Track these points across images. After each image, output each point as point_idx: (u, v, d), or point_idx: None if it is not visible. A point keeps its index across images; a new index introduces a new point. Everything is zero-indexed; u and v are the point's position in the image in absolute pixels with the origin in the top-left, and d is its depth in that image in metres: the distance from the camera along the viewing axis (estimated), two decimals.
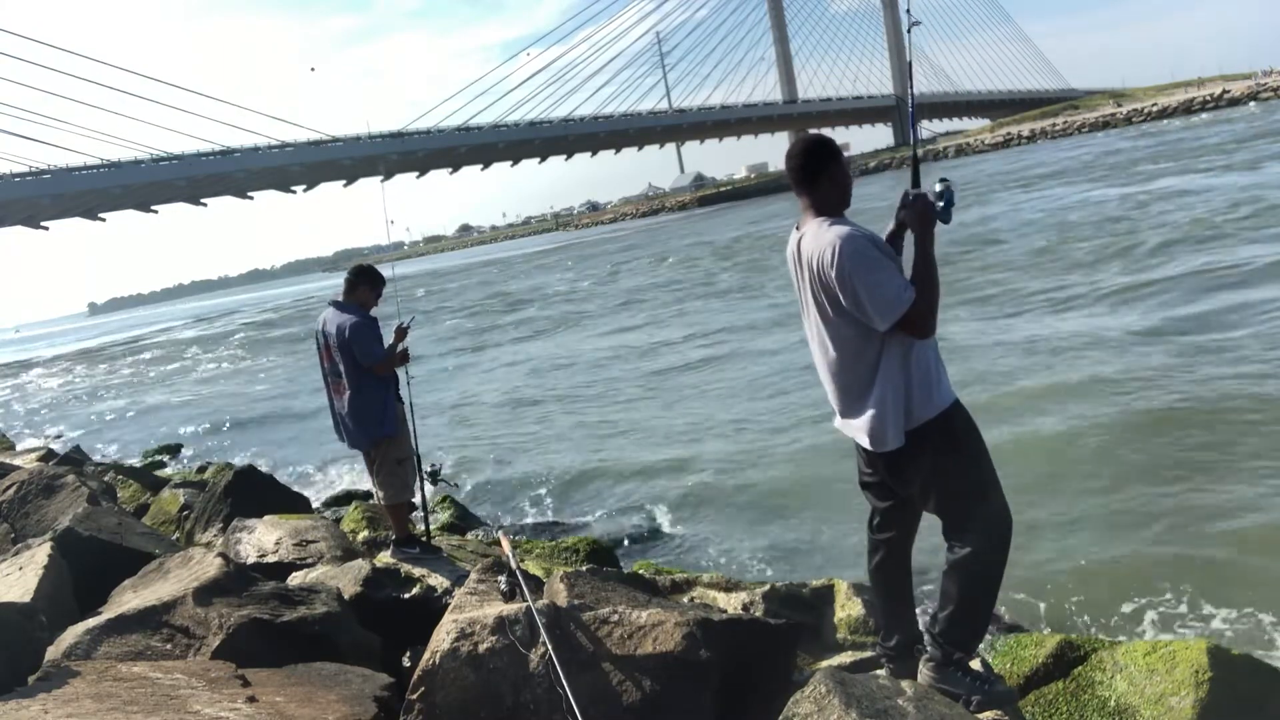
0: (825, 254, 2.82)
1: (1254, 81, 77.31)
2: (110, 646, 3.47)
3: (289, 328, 39.07)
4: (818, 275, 2.88)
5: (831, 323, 2.93)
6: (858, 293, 2.79)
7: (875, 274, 2.78)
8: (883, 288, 2.77)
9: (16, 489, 6.72)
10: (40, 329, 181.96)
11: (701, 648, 3.07)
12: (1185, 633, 4.15)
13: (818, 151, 2.96)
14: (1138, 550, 5.09)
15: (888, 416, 2.89)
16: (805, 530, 6.30)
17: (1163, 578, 4.74)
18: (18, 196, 59.33)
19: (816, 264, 2.87)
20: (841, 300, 2.84)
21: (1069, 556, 5.14)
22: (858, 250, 2.79)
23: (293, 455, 12.09)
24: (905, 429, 2.89)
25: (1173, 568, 4.83)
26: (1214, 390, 7.42)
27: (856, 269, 2.78)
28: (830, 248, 2.81)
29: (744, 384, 11.41)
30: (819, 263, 2.85)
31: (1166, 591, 4.60)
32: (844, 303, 2.84)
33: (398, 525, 5.35)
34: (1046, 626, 4.39)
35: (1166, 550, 5.04)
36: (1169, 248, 14.75)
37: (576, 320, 22.36)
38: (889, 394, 2.88)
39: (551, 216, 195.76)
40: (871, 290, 2.77)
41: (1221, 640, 3.15)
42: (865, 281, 2.77)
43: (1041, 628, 4.34)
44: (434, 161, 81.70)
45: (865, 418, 2.94)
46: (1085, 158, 41.51)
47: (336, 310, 5.28)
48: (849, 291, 2.81)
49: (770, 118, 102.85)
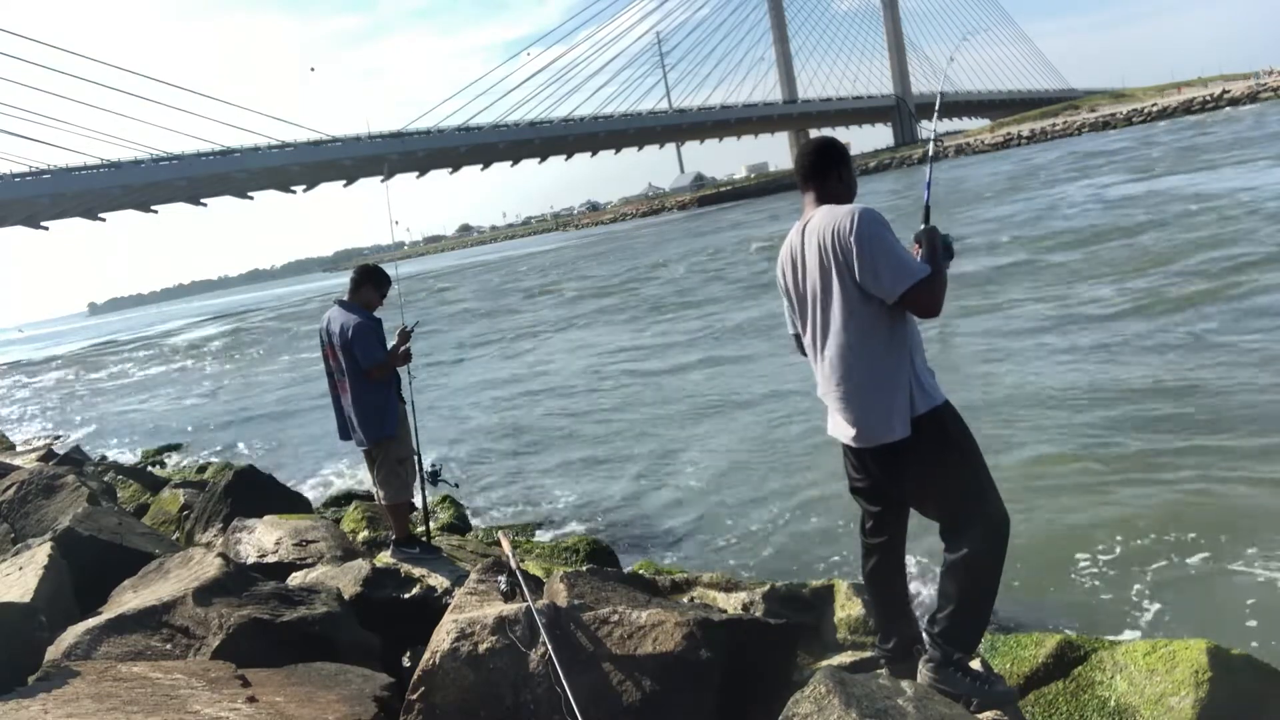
0: (844, 222, 2.87)
1: (1254, 81, 77.32)
2: (110, 646, 3.47)
3: (289, 328, 39.08)
4: (833, 245, 2.89)
5: (843, 302, 2.92)
6: (875, 257, 2.82)
7: (893, 242, 2.85)
8: (900, 253, 2.84)
9: (16, 489, 6.72)
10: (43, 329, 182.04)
11: (701, 648, 3.07)
12: (1185, 633, 4.15)
13: (830, 151, 3.11)
14: (1138, 550, 5.09)
15: (894, 403, 2.89)
16: (805, 530, 6.30)
17: (1163, 577, 4.74)
18: (18, 196, 59.36)
19: (833, 233, 2.89)
20: (856, 270, 2.85)
21: (1069, 556, 5.14)
22: (877, 219, 2.87)
23: (293, 455, 12.10)
24: (910, 417, 2.89)
25: (1173, 567, 4.83)
26: (1218, 390, 7.42)
27: (876, 235, 2.83)
28: (850, 216, 2.87)
29: (744, 384, 11.40)
30: (836, 230, 2.88)
31: (1167, 591, 4.60)
32: (858, 272, 2.85)
33: (398, 525, 5.36)
34: (1046, 627, 4.39)
35: (1167, 550, 5.04)
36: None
37: (577, 321, 22.36)
38: (897, 379, 2.90)
39: (551, 216, 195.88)
40: (889, 254, 2.82)
41: (1221, 640, 3.14)
42: (883, 245, 2.83)
43: (1041, 628, 4.33)
44: (434, 161, 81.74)
45: (871, 406, 2.93)
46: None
47: (341, 310, 5.29)
48: (866, 256, 2.83)
49: (770, 118, 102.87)
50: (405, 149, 76.27)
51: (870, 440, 2.97)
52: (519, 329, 22.88)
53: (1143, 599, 4.58)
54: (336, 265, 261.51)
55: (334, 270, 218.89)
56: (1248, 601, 4.36)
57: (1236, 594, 4.44)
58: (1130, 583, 4.75)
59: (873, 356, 2.92)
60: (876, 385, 2.92)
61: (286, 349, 29.11)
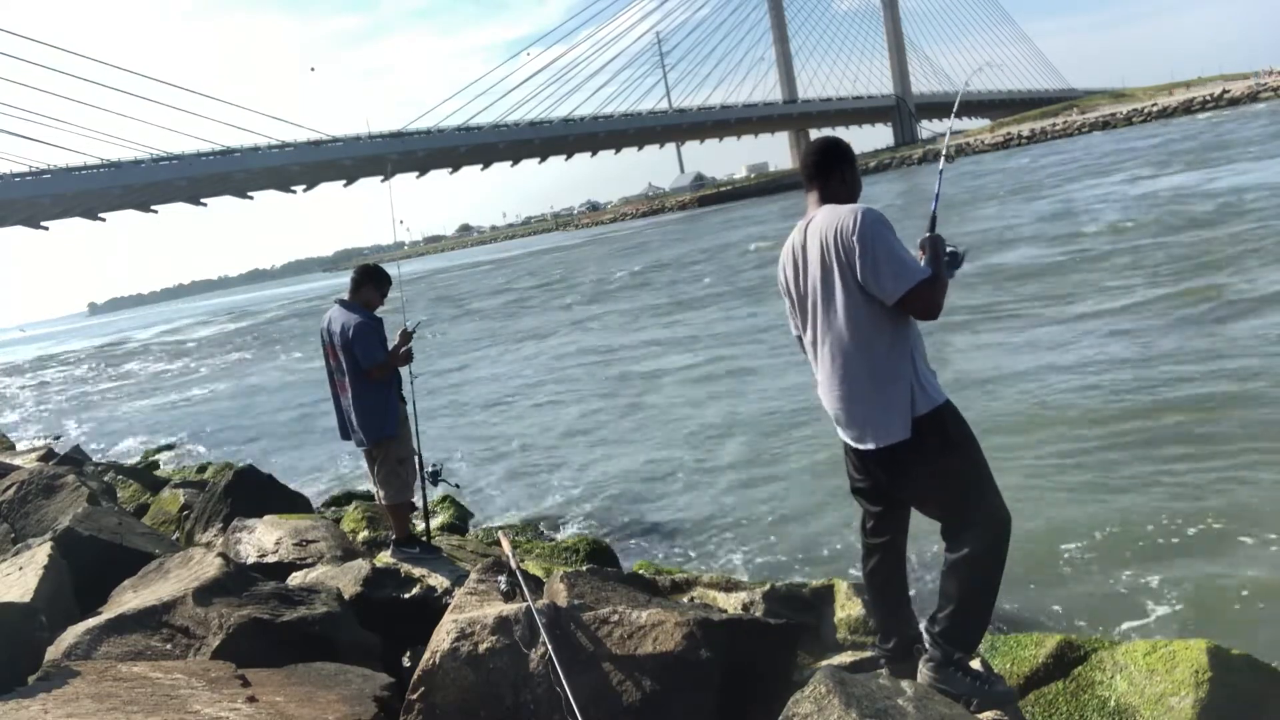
0: (847, 221, 2.87)
1: (1254, 81, 77.27)
2: (110, 646, 3.47)
3: (289, 327, 39.07)
4: (836, 244, 2.89)
5: (845, 302, 2.92)
6: (877, 256, 2.82)
7: (895, 243, 2.84)
8: (901, 255, 2.83)
9: (16, 489, 6.72)
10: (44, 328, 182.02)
11: (701, 648, 3.07)
12: (1185, 633, 4.15)
13: (834, 151, 3.11)
14: (1138, 550, 5.09)
15: (895, 404, 2.89)
16: (805, 530, 6.30)
17: (1163, 577, 4.74)
18: (18, 196, 59.33)
19: (835, 231, 2.89)
20: (858, 269, 2.85)
21: (1069, 556, 5.14)
22: (880, 220, 2.87)
23: (293, 455, 12.10)
24: (911, 418, 2.89)
25: (1173, 567, 4.83)
26: (1219, 390, 7.42)
27: (879, 234, 2.83)
28: (853, 215, 2.87)
29: (745, 384, 11.41)
30: (839, 229, 2.88)
31: (1167, 591, 4.60)
32: (859, 272, 2.85)
33: (398, 525, 5.36)
34: (1046, 626, 4.39)
35: (1167, 550, 5.04)
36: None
37: (577, 321, 22.36)
38: (899, 380, 2.90)
39: (551, 216, 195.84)
40: (890, 254, 2.81)
41: (1221, 640, 3.14)
42: (885, 245, 2.82)
43: (1041, 628, 4.33)
44: (434, 161, 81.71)
45: (872, 407, 2.93)
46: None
47: (342, 309, 5.28)
48: (868, 255, 2.82)
49: (770, 118, 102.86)
50: (405, 149, 76.24)
51: (871, 441, 2.97)
52: (520, 329, 22.89)
53: (1143, 599, 4.58)
54: (336, 265, 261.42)
55: (334, 270, 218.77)
56: (1248, 602, 4.36)
57: (1236, 594, 4.44)
58: (1130, 583, 4.75)
59: (874, 357, 2.92)
60: (877, 386, 2.92)
61: (286, 349, 29.10)
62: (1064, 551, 5.20)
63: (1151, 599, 4.55)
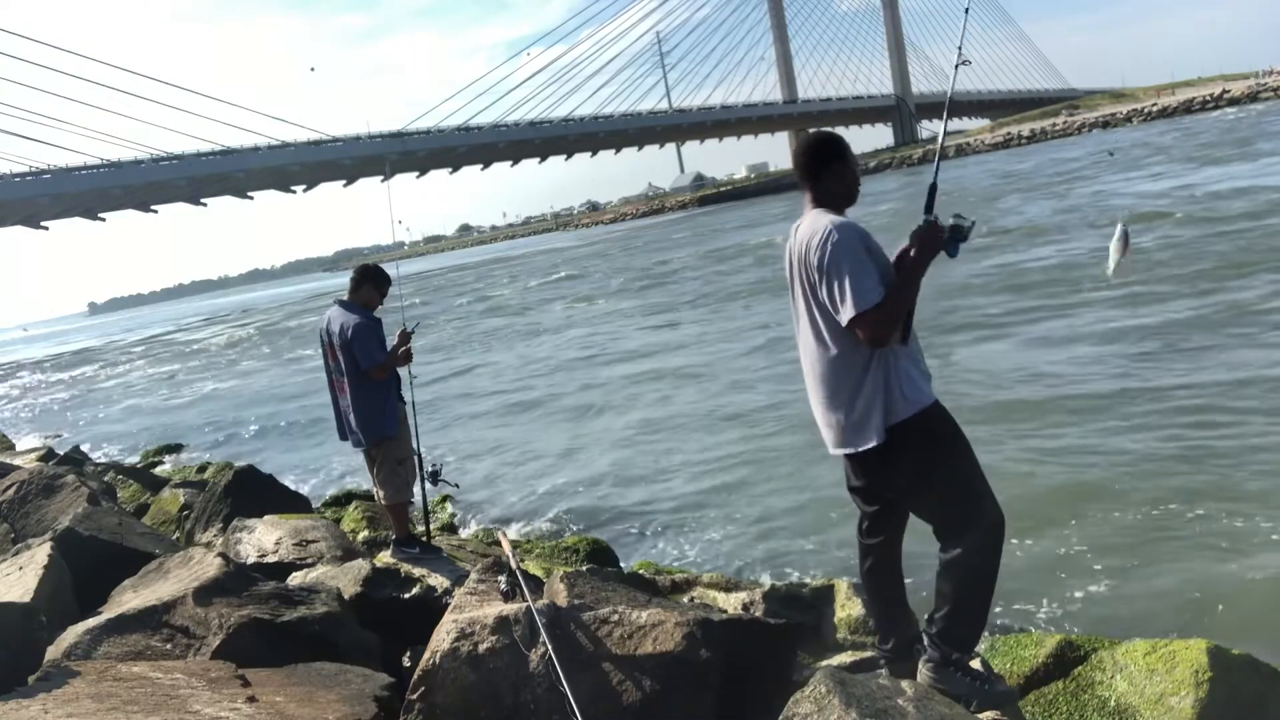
0: (814, 239, 2.88)
1: (1254, 81, 77.28)
2: (110, 646, 3.47)
3: (290, 327, 39.08)
4: (804, 259, 2.92)
5: (816, 314, 2.96)
6: (831, 279, 2.83)
7: (853, 265, 2.81)
8: (855, 279, 2.79)
9: (16, 489, 6.72)
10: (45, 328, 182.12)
11: (701, 648, 3.07)
12: (1185, 633, 4.15)
13: (822, 148, 3.04)
14: (1138, 550, 5.09)
15: (871, 411, 2.90)
16: (806, 530, 6.30)
17: (1163, 577, 4.74)
18: (18, 196, 59.32)
19: (804, 247, 2.92)
20: (820, 289, 2.88)
21: (1068, 556, 5.13)
22: (844, 240, 2.83)
23: (293, 455, 12.10)
24: (885, 425, 2.89)
25: (1173, 567, 4.83)
26: (1220, 390, 7.41)
27: (838, 256, 2.82)
28: (820, 233, 2.86)
29: (745, 384, 11.40)
30: (807, 246, 2.90)
31: (1167, 591, 4.60)
32: (820, 292, 2.87)
33: (398, 525, 5.36)
34: (1046, 626, 4.39)
35: (1167, 550, 5.03)
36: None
37: (577, 321, 22.36)
38: (871, 389, 2.90)
39: (551, 216, 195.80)
40: (844, 279, 2.80)
41: (1221, 640, 3.14)
42: (841, 269, 2.81)
43: (1041, 628, 4.33)
44: (434, 161, 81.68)
45: (846, 414, 2.95)
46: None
47: (341, 309, 5.29)
48: (826, 277, 2.84)
49: (770, 118, 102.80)
50: (405, 149, 76.19)
51: (845, 446, 2.99)
52: (520, 329, 22.89)
53: (1142, 598, 4.57)
54: (336, 265, 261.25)
55: (334, 270, 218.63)
56: (1248, 602, 4.36)
57: (1236, 594, 4.44)
58: (1130, 583, 4.75)
59: (846, 365, 2.93)
60: (851, 393, 2.93)
61: (286, 349, 29.10)
62: (1064, 552, 5.19)
63: (1151, 598, 4.55)
